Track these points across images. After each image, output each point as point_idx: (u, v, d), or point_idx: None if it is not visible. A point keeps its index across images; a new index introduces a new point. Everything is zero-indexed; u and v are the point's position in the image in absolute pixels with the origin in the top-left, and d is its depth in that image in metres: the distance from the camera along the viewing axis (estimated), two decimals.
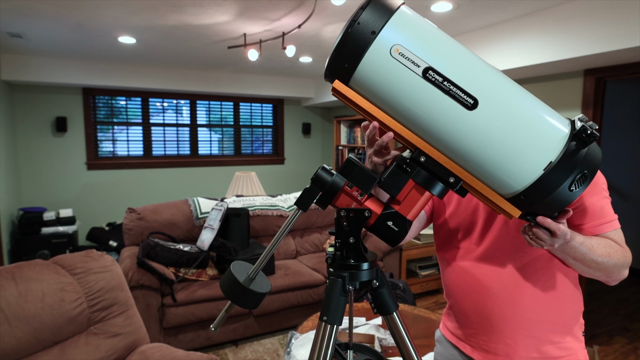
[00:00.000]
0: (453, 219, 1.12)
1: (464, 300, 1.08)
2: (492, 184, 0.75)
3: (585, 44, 2.46)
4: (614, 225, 0.95)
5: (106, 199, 5.12)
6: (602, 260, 0.89)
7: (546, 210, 0.75)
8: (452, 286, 1.12)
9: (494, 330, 1.03)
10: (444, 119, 0.71)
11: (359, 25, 0.69)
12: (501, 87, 0.71)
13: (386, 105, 0.74)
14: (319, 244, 3.78)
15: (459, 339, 1.13)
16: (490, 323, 1.03)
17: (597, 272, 0.92)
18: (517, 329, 1.01)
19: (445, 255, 1.15)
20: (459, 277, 1.09)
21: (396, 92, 0.71)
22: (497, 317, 1.02)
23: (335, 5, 2.67)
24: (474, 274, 1.06)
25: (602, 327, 3.30)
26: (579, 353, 1.03)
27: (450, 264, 1.13)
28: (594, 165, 0.71)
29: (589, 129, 0.69)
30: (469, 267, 1.07)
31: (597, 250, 0.88)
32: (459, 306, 1.11)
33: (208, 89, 5.21)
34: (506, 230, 1.02)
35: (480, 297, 1.04)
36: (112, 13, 2.82)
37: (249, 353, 2.86)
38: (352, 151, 5.51)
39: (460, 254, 1.10)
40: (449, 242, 1.14)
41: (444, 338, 1.21)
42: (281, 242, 3.62)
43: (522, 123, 0.70)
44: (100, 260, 1.70)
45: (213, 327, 0.80)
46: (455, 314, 1.13)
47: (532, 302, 1.00)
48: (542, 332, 1.01)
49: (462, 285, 1.09)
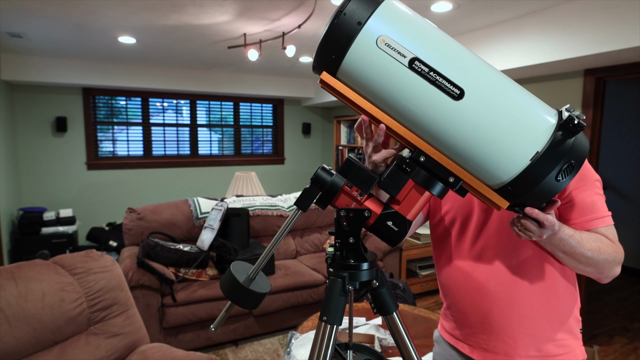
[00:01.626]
0: (448, 217, 1.12)
1: (462, 300, 1.08)
2: (480, 175, 0.75)
3: (585, 44, 2.46)
4: (605, 221, 0.95)
5: (106, 199, 5.12)
6: (592, 254, 0.89)
7: (534, 201, 0.75)
8: (449, 286, 1.12)
9: (492, 329, 1.03)
10: (430, 109, 0.71)
11: (345, 16, 0.69)
12: (487, 77, 0.71)
13: (373, 97, 0.74)
14: (319, 244, 3.78)
15: (457, 339, 1.13)
16: (489, 322, 1.03)
17: (588, 267, 0.91)
18: (516, 327, 1.01)
19: (441, 255, 1.15)
20: (456, 276, 1.09)
21: (383, 82, 0.71)
22: (495, 316, 1.02)
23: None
24: (470, 273, 1.06)
25: (602, 327, 3.30)
26: (576, 350, 1.03)
27: (446, 263, 1.13)
28: (581, 155, 0.71)
29: (576, 119, 0.69)
30: (466, 266, 1.07)
31: (587, 244, 0.88)
32: (456, 306, 1.10)
33: (208, 89, 5.21)
34: (501, 228, 1.02)
35: (477, 296, 1.04)
36: (112, 13, 2.82)
37: (249, 353, 2.86)
38: (352, 151, 5.51)
39: (456, 253, 1.10)
40: (444, 240, 1.14)
41: (442, 339, 1.20)
42: (281, 242, 3.62)
43: (508, 113, 0.70)
44: (100, 260, 1.70)
45: (213, 327, 0.80)
46: (452, 314, 1.13)
47: (529, 299, 1.00)
48: (541, 330, 1.01)
49: (459, 285, 1.08)
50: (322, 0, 2.58)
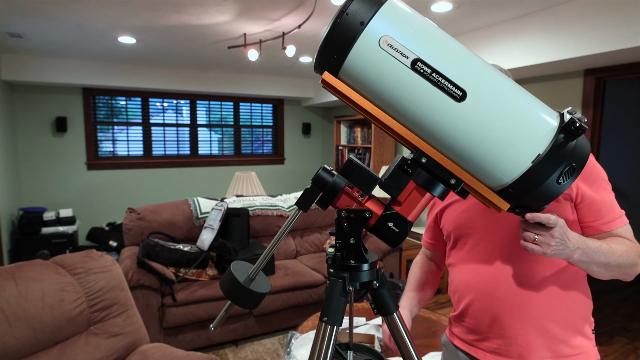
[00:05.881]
0: (455, 224, 1.12)
1: (474, 305, 1.07)
2: (481, 177, 0.75)
3: (585, 44, 2.46)
4: (623, 220, 0.96)
5: (106, 199, 5.12)
6: (622, 260, 0.90)
7: (535, 203, 0.75)
8: (462, 291, 1.11)
9: (505, 333, 1.03)
10: (432, 110, 0.71)
11: (348, 16, 0.68)
12: (490, 79, 0.71)
13: (375, 97, 0.74)
14: (319, 244, 3.78)
15: (470, 344, 1.12)
16: (502, 326, 1.03)
17: (617, 272, 0.93)
18: (529, 330, 1.00)
19: (453, 260, 1.14)
20: (469, 281, 1.09)
21: (385, 83, 0.71)
22: (508, 320, 1.02)
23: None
24: (482, 277, 1.06)
25: (602, 327, 3.30)
26: (590, 351, 1.03)
27: (458, 269, 1.12)
28: (582, 158, 0.71)
29: (578, 122, 0.69)
30: (478, 270, 1.07)
31: (616, 250, 0.90)
32: (469, 311, 1.09)
33: (208, 89, 5.21)
34: (512, 231, 1.02)
35: (490, 301, 1.04)
36: (112, 13, 2.82)
37: (249, 353, 2.86)
38: (352, 151, 5.51)
39: (468, 258, 1.09)
40: (454, 247, 1.14)
41: (450, 343, 1.19)
42: (281, 242, 3.62)
43: (510, 115, 0.70)
44: (100, 260, 1.70)
45: (213, 327, 0.80)
46: (465, 319, 1.12)
47: (542, 302, 1.00)
48: (554, 332, 1.00)
49: (472, 290, 1.08)
50: (322, 0, 2.58)
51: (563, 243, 0.82)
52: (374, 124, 0.82)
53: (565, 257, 0.86)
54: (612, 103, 4.54)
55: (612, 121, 4.57)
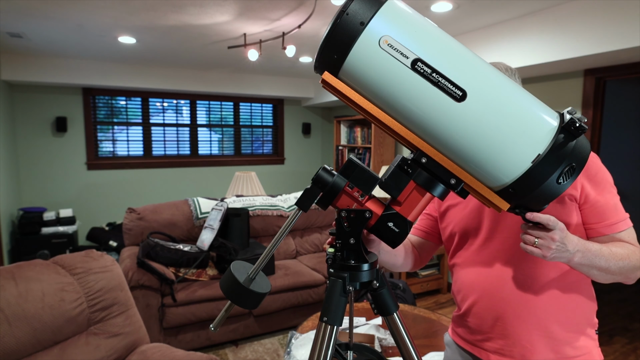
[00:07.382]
0: (460, 224, 1.12)
1: (478, 305, 1.08)
2: (481, 177, 0.75)
3: (585, 44, 2.46)
4: (628, 223, 0.96)
5: (106, 199, 5.12)
6: (623, 264, 0.90)
7: (535, 203, 0.75)
8: (465, 292, 1.11)
9: (509, 334, 1.03)
10: (432, 110, 0.71)
11: (348, 16, 0.68)
12: (490, 79, 0.71)
13: (375, 97, 0.74)
14: (319, 244, 3.78)
15: (473, 344, 1.12)
16: (505, 326, 1.03)
17: (619, 276, 0.92)
18: (532, 330, 1.00)
19: (456, 261, 1.14)
20: (472, 282, 1.09)
21: (385, 83, 0.71)
22: (512, 320, 1.02)
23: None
24: (486, 277, 1.06)
25: (602, 327, 3.30)
26: (594, 351, 1.03)
27: (462, 269, 1.12)
28: (582, 158, 0.71)
29: (578, 122, 0.69)
30: (481, 271, 1.07)
31: (617, 254, 0.90)
32: (473, 310, 1.09)
33: (208, 89, 5.21)
34: (515, 231, 1.02)
35: (494, 301, 1.04)
36: (112, 13, 2.82)
37: (249, 353, 2.86)
38: (352, 151, 5.51)
39: (471, 259, 1.09)
40: (459, 247, 1.13)
41: (453, 342, 1.19)
42: (281, 242, 3.62)
43: (510, 115, 0.70)
44: (100, 260, 1.70)
45: (213, 327, 0.80)
46: (468, 319, 1.12)
47: (546, 303, 1.00)
48: (558, 333, 1.00)
49: (475, 290, 1.08)
50: (322, 0, 2.58)
51: (563, 246, 0.82)
52: (374, 124, 0.82)
53: (565, 261, 0.85)
54: (612, 103, 4.54)
55: (612, 121, 4.57)
